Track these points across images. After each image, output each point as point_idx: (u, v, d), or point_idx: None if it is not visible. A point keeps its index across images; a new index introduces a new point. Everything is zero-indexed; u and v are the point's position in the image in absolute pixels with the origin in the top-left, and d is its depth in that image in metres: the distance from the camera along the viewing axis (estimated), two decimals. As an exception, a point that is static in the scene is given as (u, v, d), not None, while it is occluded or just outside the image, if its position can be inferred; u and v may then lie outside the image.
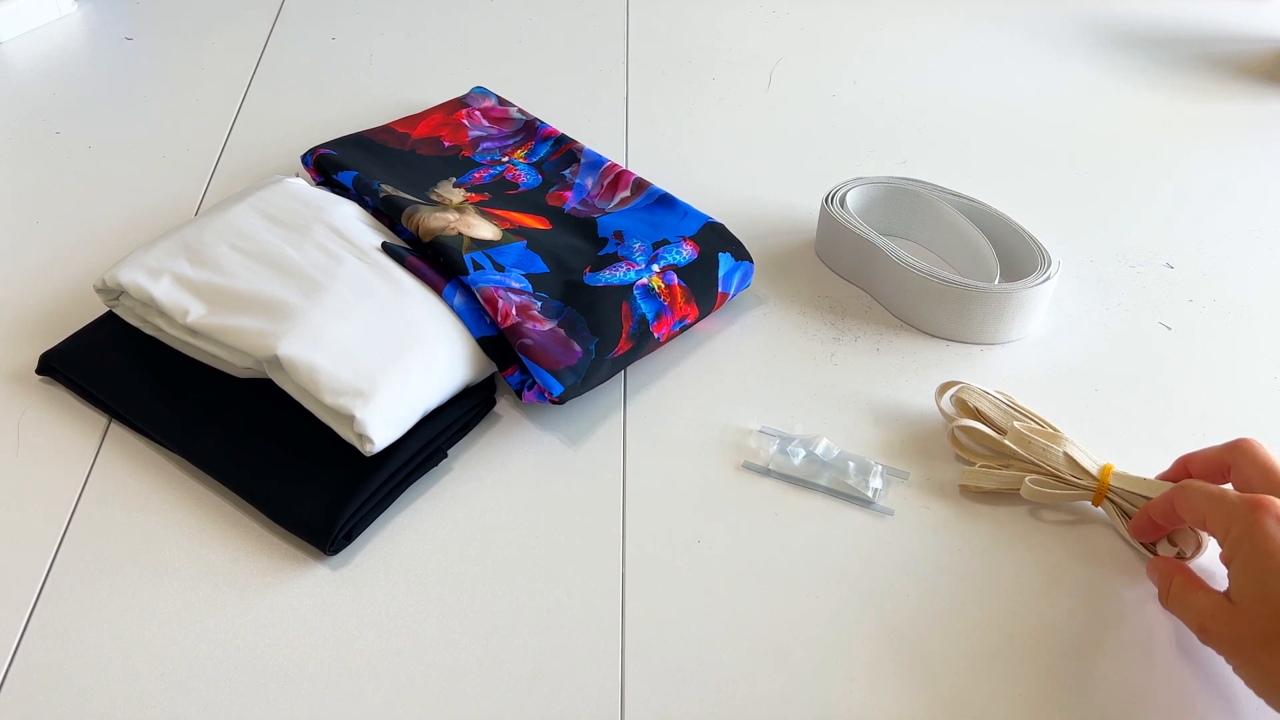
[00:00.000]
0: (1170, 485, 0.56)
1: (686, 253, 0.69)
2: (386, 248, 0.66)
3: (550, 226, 0.72)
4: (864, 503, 0.60)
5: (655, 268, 0.68)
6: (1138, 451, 0.63)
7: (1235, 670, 0.47)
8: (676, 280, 0.67)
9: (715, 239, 0.70)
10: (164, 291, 0.62)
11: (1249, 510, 0.46)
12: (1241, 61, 0.97)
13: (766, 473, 0.62)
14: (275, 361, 0.58)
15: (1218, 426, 0.65)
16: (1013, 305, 0.68)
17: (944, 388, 0.64)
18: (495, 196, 0.74)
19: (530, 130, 0.81)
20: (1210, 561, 0.56)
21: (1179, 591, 0.50)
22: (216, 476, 0.59)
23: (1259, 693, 0.46)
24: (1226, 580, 0.48)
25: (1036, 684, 0.52)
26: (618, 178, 0.76)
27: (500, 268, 0.66)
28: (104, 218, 0.78)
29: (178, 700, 0.51)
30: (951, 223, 0.73)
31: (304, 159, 0.76)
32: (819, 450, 0.61)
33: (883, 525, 0.59)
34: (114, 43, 0.97)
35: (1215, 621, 0.47)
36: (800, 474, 0.61)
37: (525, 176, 0.77)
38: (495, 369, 0.64)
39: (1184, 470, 0.55)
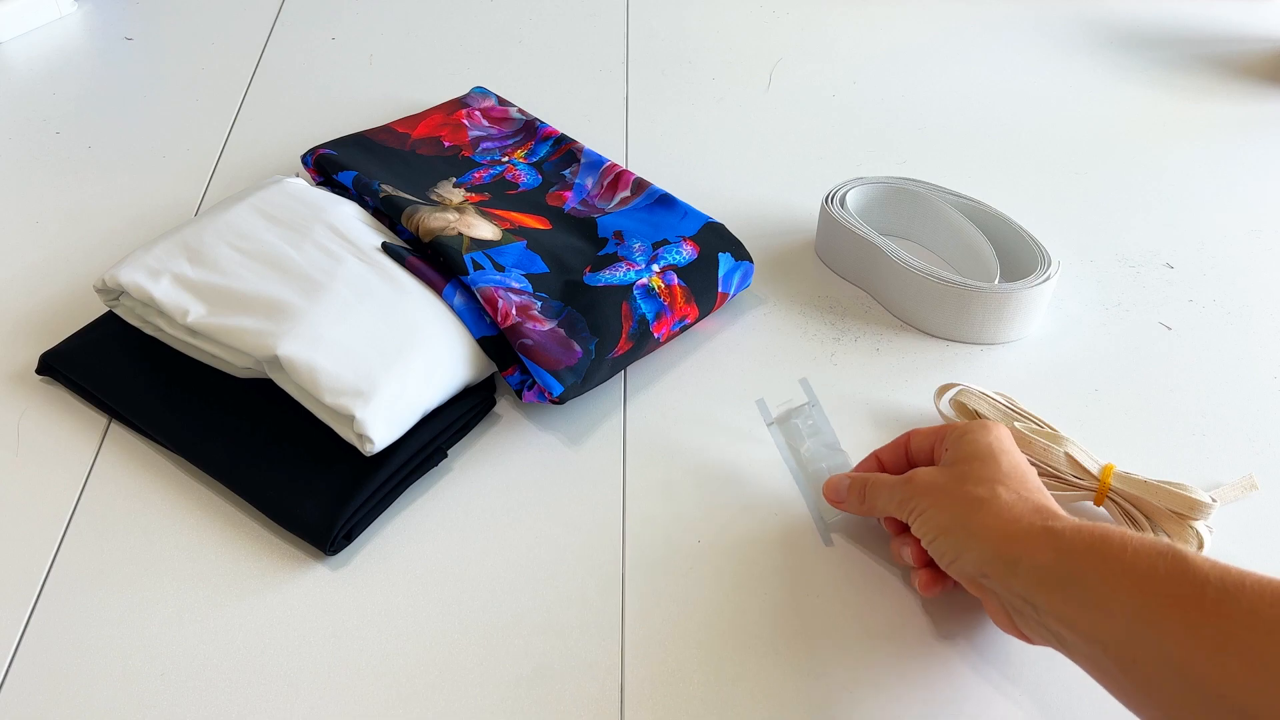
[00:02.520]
0: (1171, 484, 0.56)
1: (686, 253, 0.69)
2: (386, 248, 0.66)
3: (550, 226, 0.72)
4: (817, 519, 0.59)
5: (655, 268, 0.68)
6: (1139, 451, 0.63)
7: (915, 519, 0.52)
8: (676, 280, 0.67)
9: (715, 239, 0.70)
10: (164, 291, 0.62)
11: (980, 423, 0.54)
12: (1241, 61, 0.97)
13: (770, 422, 0.62)
14: (275, 361, 0.58)
15: (1218, 426, 0.65)
16: (1013, 305, 0.68)
17: (943, 390, 0.64)
18: (495, 196, 0.74)
19: (530, 130, 0.81)
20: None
21: (886, 475, 0.55)
22: (216, 476, 0.59)
23: (937, 531, 0.51)
24: None
25: (1040, 681, 0.52)
26: (618, 178, 0.76)
27: (500, 268, 0.66)
28: (104, 218, 0.78)
29: (178, 700, 0.51)
30: (951, 223, 0.73)
31: (304, 159, 0.76)
32: (826, 460, 0.61)
33: (881, 526, 0.59)
34: (114, 43, 0.97)
35: (923, 475, 0.53)
36: (790, 450, 0.61)
37: (525, 176, 0.77)
38: (495, 369, 0.64)
39: (875, 459, 0.59)
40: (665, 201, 0.73)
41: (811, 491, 0.60)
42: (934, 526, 0.51)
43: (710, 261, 0.69)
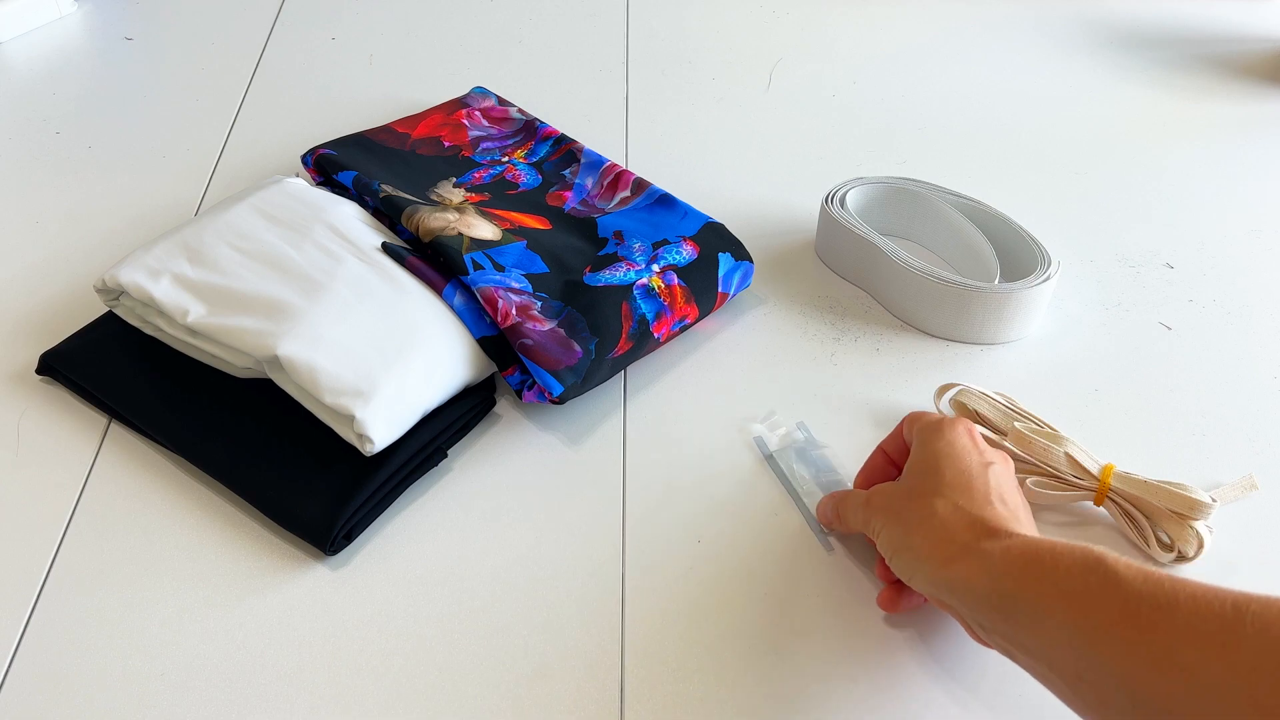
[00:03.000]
0: (1171, 484, 0.56)
1: (686, 253, 0.69)
2: (386, 248, 0.66)
3: (550, 226, 0.72)
4: (816, 531, 0.59)
5: (655, 268, 0.68)
6: (1139, 451, 0.63)
7: (876, 539, 0.52)
8: (676, 280, 0.67)
9: (715, 239, 0.70)
10: (164, 291, 0.62)
11: (950, 419, 0.54)
12: (1241, 61, 0.97)
13: (768, 456, 0.62)
14: (275, 361, 0.58)
15: (1218, 426, 0.65)
16: (1013, 305, 0.68)
17: (943, 390, 0.64)
18: (495, 196, 0.74)
19: (530, 130, 0.81)
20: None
21: (855, 492, 0.55)
22: (216, 476, 0.59)
23: (890, 551, 0.51)
24: None
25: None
26: (618, 178, 0.76)
27: (500, 268, 0.66)
28: (104, 218, 0.78)
29: (178, 700, 0.51)
30: (951, 223, 0.73)
31: (304, 159, 0.76)
32: (820, 480, 0.61)
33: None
34: (114, 43, 0.97)
35: (878, 494, 0.53)
36: (788, 479, 0.61)
37: (525, 176, 0.77)
38: (495, 369, 0.64)
39: (881, 453, 0.59)
40: (665, 201, 0.73)
41: (812, 512, 0.59)
42: (887, 547, 0.51)
43: (710, 261, 0.69)
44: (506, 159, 0.79)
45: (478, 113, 0.83)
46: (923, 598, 0.54)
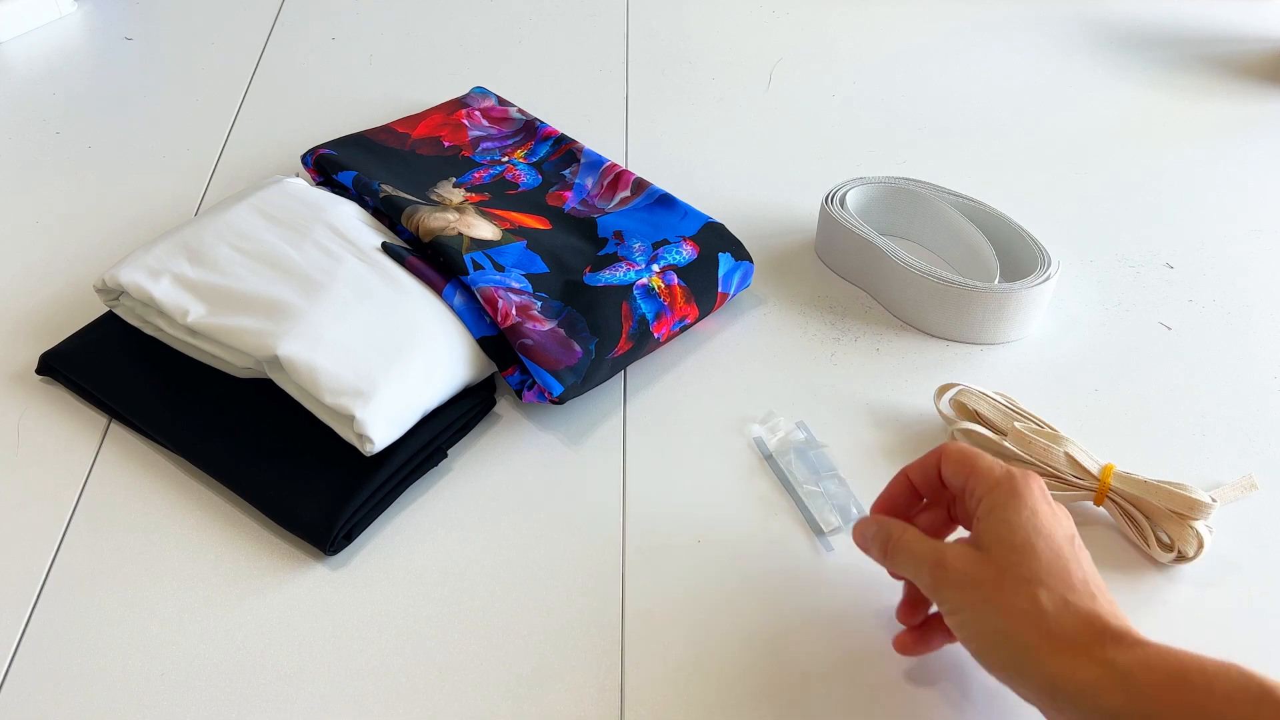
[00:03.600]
0: (1171, 484, 0.56)
1: (686, 253, 0.69)
2: (386, 248, 0.66)
3: (550, 226, 0.72)
4: (816, 531, 0.59)
5: (655, 268, 0.68)
6: (1139, 451, 0.63)
7: (950, 615, 0.47)
8: (676, 280, 0.67)
9: (715, 239, 0.70)
10: (164, 291, 0.62)
11: (1021, 476, 0.49)
12: (1241, 61, 0.97)
13: (768, 456, 0.62)
14: (275, 361, 0.58)
15: (1218, 426, 0.65)
16: (1013, 305, 0.68)
17: (943, 390, 0.64)
18: (495, 196, 0.74)
19: (530, 130, 0.81)
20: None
21: (914, 538, 0.50)
22: (216, 476, 0.59)
23: (977, 637, 0.46)
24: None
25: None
26: (618, 178, 0.76)
27: (500, 268, 0.66)
28: (104, 218, 0.78)
29: (178, 700, 0.51)
30: (951, 223, 0.73)
31: (304, 159, 0.76)
32: (820, 480, 0.60)
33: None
34: (114, 43, 0.97)
35: (959, 560, 0.47)
36: (788, 479, 0.61)
37: (525, 176, 0.77)
38: (495, 369, 0.64)
39: (905, 479, 0.54)
40: (665, 201, 0.73)
41: (811, 512, 0.59)
42: (971, 633, 0.46)
43: (710, 261, 0.69)
44: (506, 159, 0.79)
45: (478, 113, 0.83)
46: (939, 642, 0.52)
